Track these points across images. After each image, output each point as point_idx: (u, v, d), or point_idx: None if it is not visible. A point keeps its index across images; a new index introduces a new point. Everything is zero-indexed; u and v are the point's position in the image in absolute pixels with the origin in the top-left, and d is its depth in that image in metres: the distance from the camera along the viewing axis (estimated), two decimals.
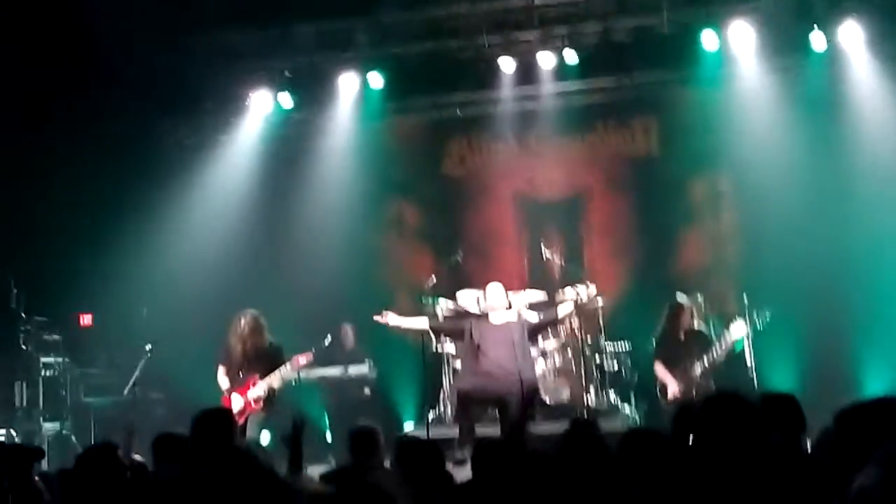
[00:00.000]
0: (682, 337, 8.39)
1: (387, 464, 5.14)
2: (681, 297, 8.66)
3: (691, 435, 3.41)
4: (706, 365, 8.18)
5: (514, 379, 7.64)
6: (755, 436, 2.89)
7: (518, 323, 8.15)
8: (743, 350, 8.57)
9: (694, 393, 8.02)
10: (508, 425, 7.58)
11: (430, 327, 8.75)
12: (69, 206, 10.35)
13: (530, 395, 7.88)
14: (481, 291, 8.73)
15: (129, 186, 10.71)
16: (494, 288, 8.45)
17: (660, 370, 8.33)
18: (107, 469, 4.06)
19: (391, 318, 8.45)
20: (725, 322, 9.15)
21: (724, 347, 8.21)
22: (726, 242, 11.09)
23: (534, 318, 8.32)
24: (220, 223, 11.24)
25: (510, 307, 8.47)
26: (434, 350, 9.77)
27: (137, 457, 4.63)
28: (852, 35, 10.07)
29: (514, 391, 7.56)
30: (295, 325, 9.71)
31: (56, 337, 10.13)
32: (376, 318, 8.54)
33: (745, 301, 8.48)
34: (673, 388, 8.18)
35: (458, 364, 9.39)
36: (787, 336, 8.90)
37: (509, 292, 9.10)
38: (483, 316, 8.46)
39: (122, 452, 4.33)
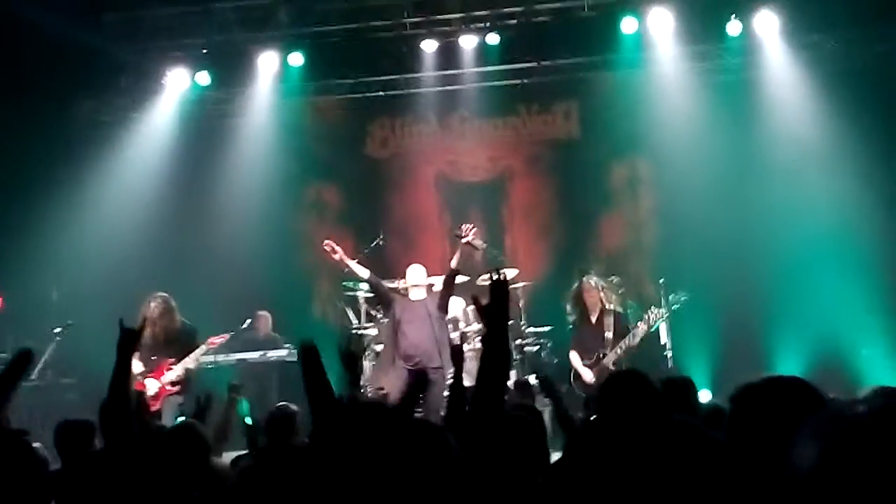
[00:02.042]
0: (594, 319, 8.37)
1: None
2: (588, 277, 8.66)
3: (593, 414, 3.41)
4: (620, 352, 8.14)
5: (432, 357, 7.97)
6: (655, 414, 2.90)
7: (430, 296, 8.40)
8: (658, 331, 8.72)
9: None
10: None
11: (369, 279, 8.71)
12: None
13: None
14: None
15: (42, 165, 10.36)
16: (415, 268, 8.65)
17: (574, 359, 8.31)
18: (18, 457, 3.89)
19: (335, 249, 8.42)
20: (645, 306, 9.30)
21: (639, 335, 8.21)
22: (645, 226, 11.25)
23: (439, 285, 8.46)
24: (135, 203, 10.96)
25: (431, 288, 8.53)
26: (355, 331, 9.67)
27: (37, 445, 4.45)
28: (767, 23, 10.27)
29: (433, 376, 7.56)
30: (212, 310, 9.53)
31: None
32: (324, 245, 8.55)
33: (662, 284, 8.62)
34: (587, 377, 8.18)
35: (378, 348, 9.36)
36: (702, 318, 9.07)
37: (431, 277, 9.19)
38: (404, 294, 8.63)
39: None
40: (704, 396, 9.13)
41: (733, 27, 10.31)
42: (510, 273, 9.62)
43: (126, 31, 10.78)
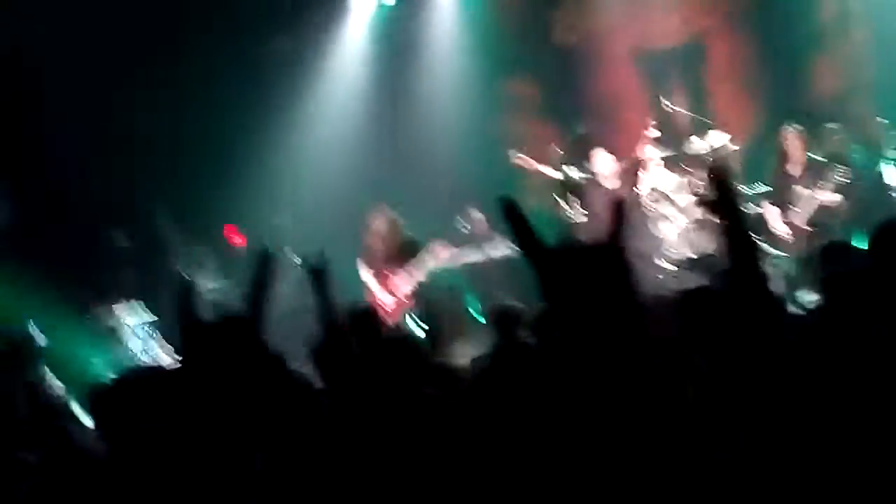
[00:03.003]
0: (794, 171, 7.98)
1: None
2: (787, 124, 8.21)
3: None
4: (813, 211, 7.79)
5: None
6: None
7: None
8: (881, 174, 8.25)
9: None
10: None
11: (561, 180, 8.88)
12: (201, 132, 10.70)
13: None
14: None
15: (250, 108, 11.01)
16: (602, 156, 9.16)
17: (769, 214, 7.90)
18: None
19: (527, 161, 8.58)
20: (871, 150, 8.78)
21: (829, 191, 7.81)
22: (861, 63, 10.44)
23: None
24: (339, 127, 11.50)
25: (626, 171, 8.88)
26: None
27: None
28: None
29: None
30: (428, 216, 9.89)
31: (215, 263, 10.67)
32: (515, 160, 9.09)
33: (883, 124, 8.08)
34: (782, 232, 7.82)
35: None
36: None
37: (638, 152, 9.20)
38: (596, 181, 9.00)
39: None
40: None
41: None
42: (721, 138, 9.35)
43: None
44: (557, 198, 9.80)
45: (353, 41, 11.81)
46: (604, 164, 9.19)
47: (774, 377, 2.67)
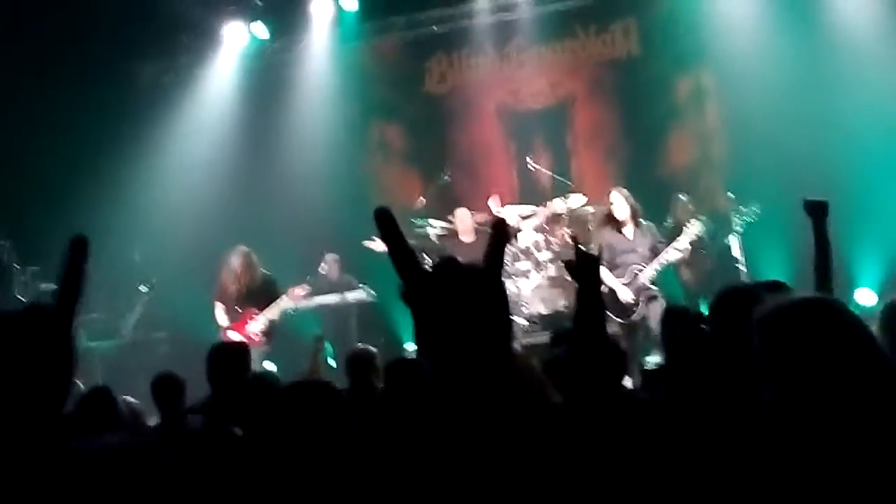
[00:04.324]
0: (627, 232, 8.12)
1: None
2: (618, 189, 8.40)
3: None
4: (658, 267, 7.94)
5: None
6: None
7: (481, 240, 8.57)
8: (730, 246, 8.65)
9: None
10: None
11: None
12: (53, 153, 10.29)
13: None
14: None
15: (111, 129, 10.66)
16: (462, 212, 9.41)
17: (606, 276, 7.74)
18: (104, 413, 4.11)
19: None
20: (717, 222, 9.21)
21: (679, 248, 7.96)
22: (713, 139, 11.01)
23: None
24: (203, 159, 11.25)
25: (477, 230, 9.13)
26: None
27: (130, 398, 4.69)
28: None
29: None
30: (286, 256, 9.76)
31: (52, 286, 10.15)
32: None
33: (731, 198, 8.52)
34: (625, 297, 7.92)
35: None
36: (777, 230, 8.90)
37: (502, 207, 9.45)
38: (457, 236, 9.18)
39: None
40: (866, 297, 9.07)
41: None
42: (579, 200, 9.63)
43: None
44: (416, 246, 9.88)
45: (223, 72, 11.62)
46: (463, 219, 9.39)
47: (617, 434, 2.71)
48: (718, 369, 3.14)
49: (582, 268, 2.82)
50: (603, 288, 7.67)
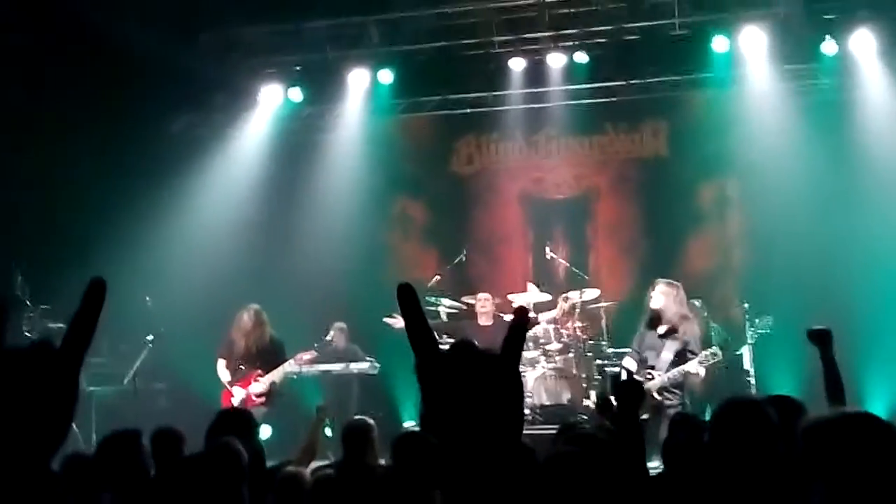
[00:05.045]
0: (662, 329, 7.83)
1: (382, 461, 5.18)
2: (669, 282, 8.16)
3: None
4: (667, 380, 7.61)
5: None
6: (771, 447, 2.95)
7: (500, 326, 8.50)
8: (742, 358, 8.58)
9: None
10: None
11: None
12: (78, 197, 10.40)
13: None
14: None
15: (139, 178, 10.75)
16: (483, 296, 9.46)
17: (629, 365, 7.65)
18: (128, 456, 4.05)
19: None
20: (730, 330, 9.16)
21: (690, 371, 7.63)
22: (732, 248, 11.04)
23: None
24: (227, 216, 11.31)
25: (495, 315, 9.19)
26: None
27: None
28: (864, 43, 10.02)
29: None
30: (297, 321, 9.75)
31: (60, 325, 10.16)
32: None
33: (746, 309, 8.49)
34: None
35: None
36: (788, 345, 8.83)
37: (513, 294, 9.48)
38: (475, 318, 9.18)
39: None
40: None
41: (828, 47, 10.09)
42: (592, 294, 9.60)
43: (222, 49, 11.16)
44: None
45: (255, 132, 11.77)
46: (485, 303, 9.41)
47: None
48: (715, 477, 3.14)
49: (625, 394, 2.92)
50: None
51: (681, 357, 7.73)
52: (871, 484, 2.12)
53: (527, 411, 9.06)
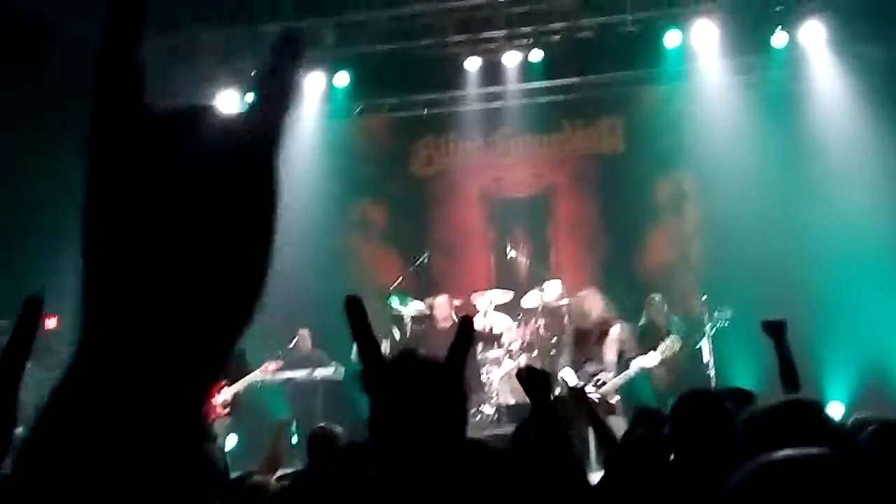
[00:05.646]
0: (596, 337, 7.77)
1: None
2: (594, 292, 8.19)
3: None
4: (620, 382, 7.63)
5: None
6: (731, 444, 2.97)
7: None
8: (700, 350, 8.66)
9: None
10: None
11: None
12: (32, 206, 10.27)
13: None
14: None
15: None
16: (439, 301, 9.43)
17: (569, 376, 7.57)
18: None
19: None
20: (690, 323, 9.23)
21: (646, 365, 7.69)
22: (690, 241, 11.15)
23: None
24: None
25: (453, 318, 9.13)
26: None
27: None
28: (814, 34, 10.17)
29: None
30: (259, 328, 9.51)
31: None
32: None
33: (704, 301, 8.58)
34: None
35: None
36: (748, 336, 8.93)
37: (476, 293, 9.51)
38: (434, 321, 9.29)
39: None
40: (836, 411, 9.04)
41: (779, 39, 10.24)
42: (554, 291, 9.64)
43: (175, 53, 11.03)
44: (392, 327, 9.89)
45: None
46: (441, 308, 9.37)
47: None
48: (672, 470, 3.17)
49: (531, 382, 2.92)
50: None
51: (620, 356, 7.74)
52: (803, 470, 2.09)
53: (491, 411, 9.10)
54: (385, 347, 9.78)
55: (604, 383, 7.66)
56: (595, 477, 4.00)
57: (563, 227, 11.64)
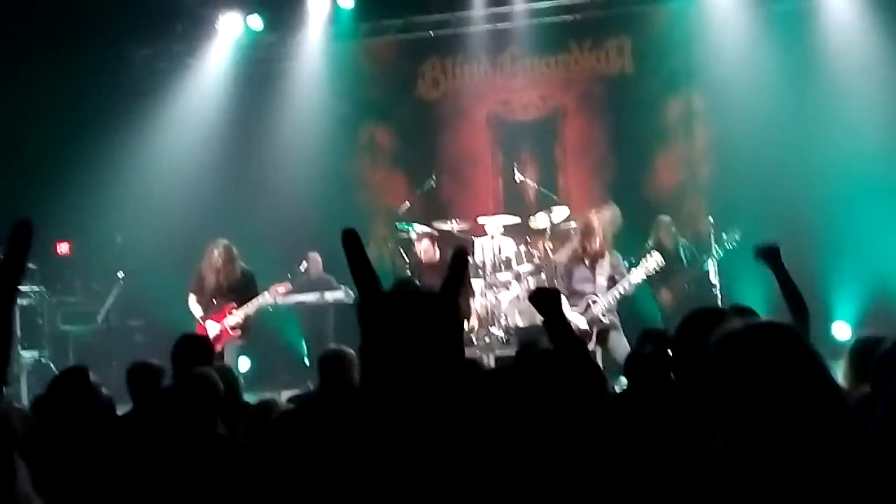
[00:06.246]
0: (588, 260, 7.82)
1: None
2: (593, 213, 8.28)
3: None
4: (612, 300, 7.66)
5: None
6: None
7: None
8: (707, 271, 8.70)
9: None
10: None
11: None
12: (42, 134, 10.28)
13: None
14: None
15: (100, 112, 10.63)
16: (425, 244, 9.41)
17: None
18: (79, 394, 4.08)
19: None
20: (699, 245, 9.26)
21: (634, 281, 7.67)
22: (699, 163, 11.10)
23: None
24: (191, 148, 11.22)
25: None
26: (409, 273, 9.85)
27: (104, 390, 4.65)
28: None
29: None
30: (268, 252, 9.76)
31: (32, 266, 10.12)
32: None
33: (712, 223, 8.59)
34: (578, 324, 7.55)
35: None
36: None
37: (483, 217, 9.51)
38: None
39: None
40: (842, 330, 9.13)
41: None
42: (561, 214, 9.64)
43: None
44: (400, 249, 9.95)
45: (216, 62, 11.60)
46: (427, 251, 9.40)
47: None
48: (677, 388, 3.22)
49: (542, 302, 3.07)
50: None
51: (611, 280, 7.80)
52: (771, 404, 2.07)
53: (501, 333, 9.19)
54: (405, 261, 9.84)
55: (595, 302, 7.73)
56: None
57: (570, 149, 11.59)
